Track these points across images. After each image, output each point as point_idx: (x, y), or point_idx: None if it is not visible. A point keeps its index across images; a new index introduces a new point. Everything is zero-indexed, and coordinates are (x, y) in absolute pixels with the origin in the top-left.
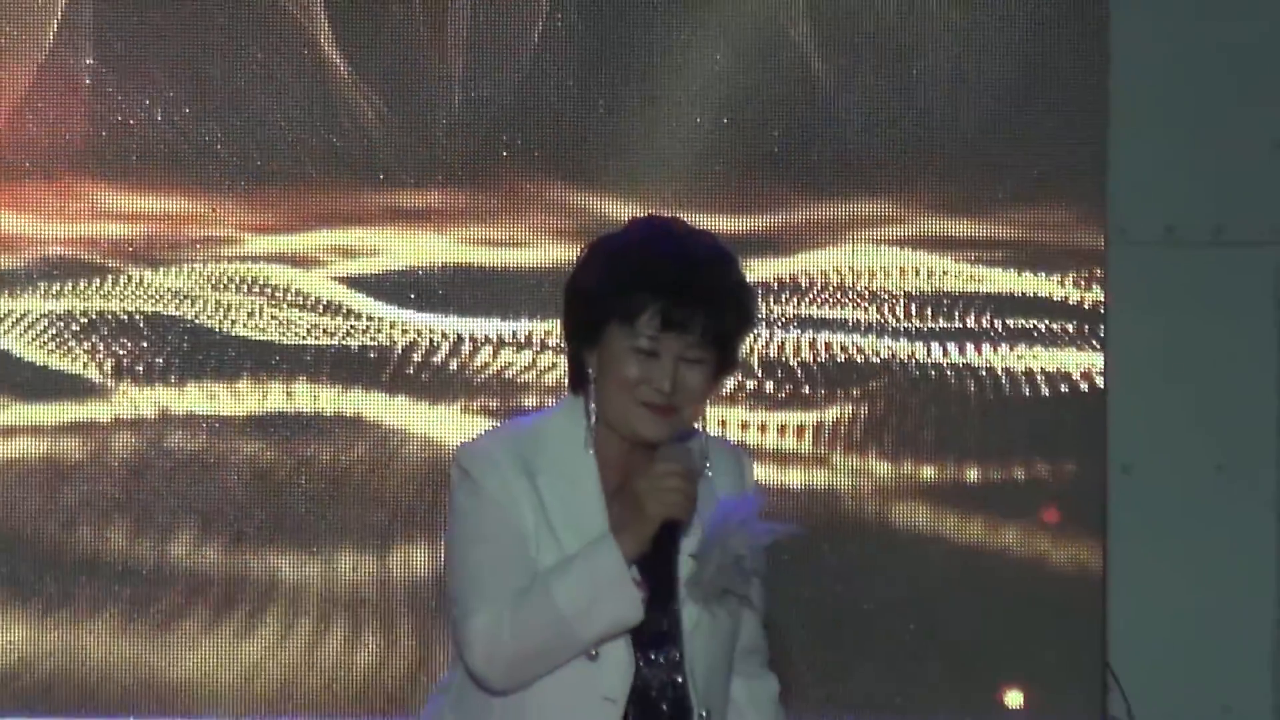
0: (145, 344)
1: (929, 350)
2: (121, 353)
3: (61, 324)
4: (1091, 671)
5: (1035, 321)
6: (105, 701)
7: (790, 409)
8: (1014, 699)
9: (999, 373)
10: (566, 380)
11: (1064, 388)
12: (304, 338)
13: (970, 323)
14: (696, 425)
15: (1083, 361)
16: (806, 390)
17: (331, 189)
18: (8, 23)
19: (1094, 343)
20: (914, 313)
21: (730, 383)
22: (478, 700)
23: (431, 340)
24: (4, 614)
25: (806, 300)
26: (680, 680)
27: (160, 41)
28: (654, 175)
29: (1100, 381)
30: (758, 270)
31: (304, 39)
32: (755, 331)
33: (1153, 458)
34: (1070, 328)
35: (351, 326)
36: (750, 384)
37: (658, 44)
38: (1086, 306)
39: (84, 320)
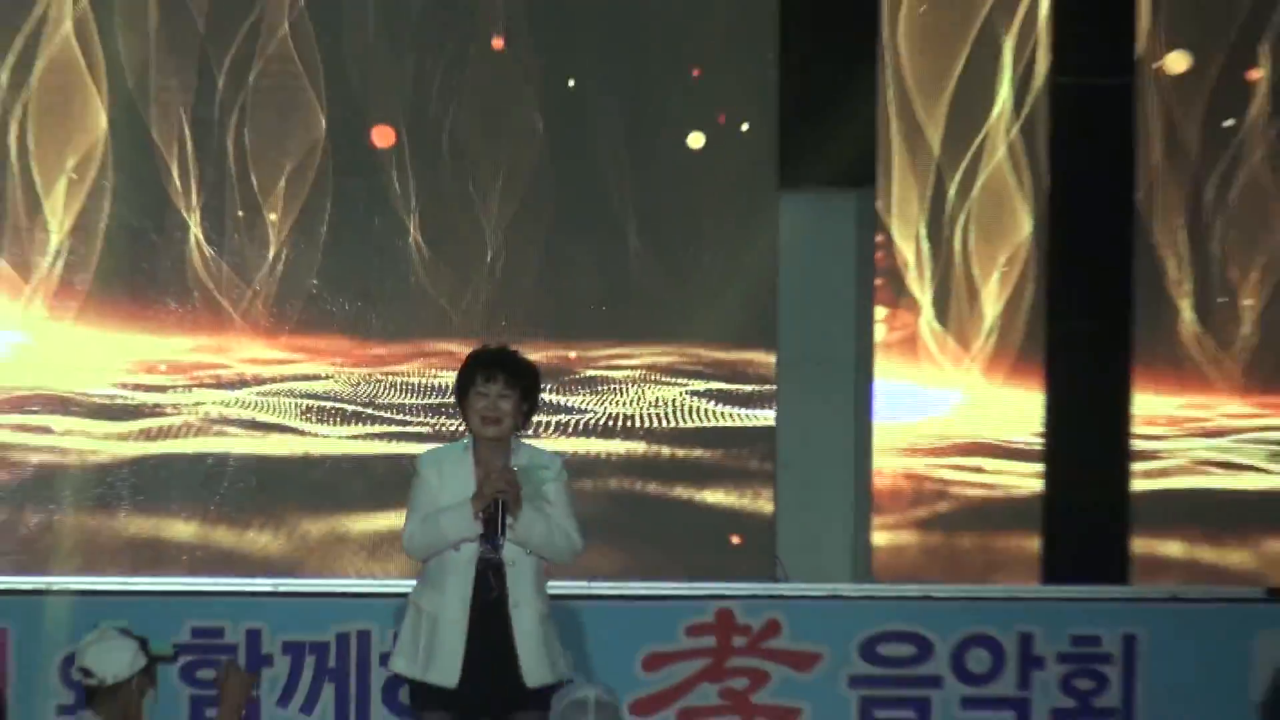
0: (330, 413)
1: (691, 411)
2: (318, 417)
3: (288, 405)
4: (768, 558)
5: (744, 392)
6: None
7: (611, 437)
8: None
9: (726, 419)
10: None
11: (758, 427)
12: (408, 411)
13: (710, 403)
14: (520, 435)
15: (765, 416)
16: (619, 431)
17: (413, 339)
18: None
19: (769, 409)
20: (669, 406)
21: (565, 424)
22: (421, 568)
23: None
24: (249, 531)
25: (613, 400)
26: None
27: (327, 268)
28: (567, 334)
29: (774, 423)
30: (594, 373)
31: (405, 258)
32: (542, 391)
33: (800, 458)
34: (760, 399)
35: (437, 405)
36: (582, 426)
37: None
38: (764, 392)
39: (295, 402)
